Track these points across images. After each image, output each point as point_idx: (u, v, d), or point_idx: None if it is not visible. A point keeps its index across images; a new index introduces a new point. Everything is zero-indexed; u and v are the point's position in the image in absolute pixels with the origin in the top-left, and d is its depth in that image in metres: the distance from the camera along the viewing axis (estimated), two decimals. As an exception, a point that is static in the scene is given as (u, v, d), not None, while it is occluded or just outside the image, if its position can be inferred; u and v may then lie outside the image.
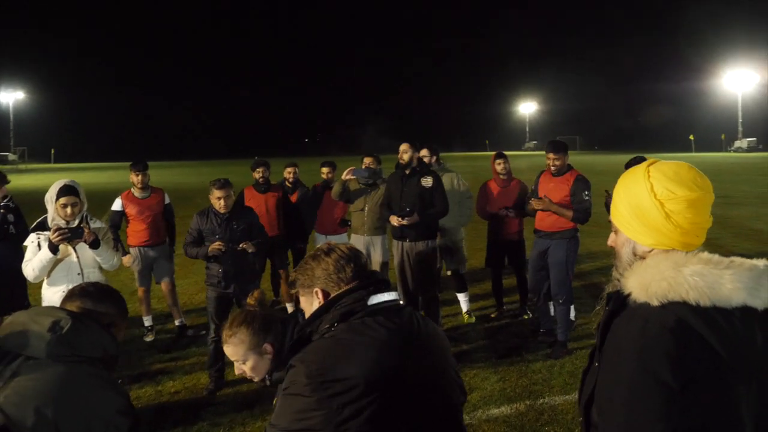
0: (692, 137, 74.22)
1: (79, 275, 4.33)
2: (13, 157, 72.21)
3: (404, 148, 5.95)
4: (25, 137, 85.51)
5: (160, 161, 60.65)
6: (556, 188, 5.79)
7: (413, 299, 5.97)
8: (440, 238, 6.50)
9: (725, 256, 1.48)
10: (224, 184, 5.30)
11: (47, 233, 4.19)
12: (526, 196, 6.53)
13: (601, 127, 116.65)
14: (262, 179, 7.22)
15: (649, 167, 1.56)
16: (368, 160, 6.86)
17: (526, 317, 6.91)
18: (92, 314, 2.03)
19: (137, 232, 6.67)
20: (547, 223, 5.86)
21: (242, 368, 2.23)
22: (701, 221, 1.51)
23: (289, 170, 7.66)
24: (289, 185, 7.57)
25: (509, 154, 7.79)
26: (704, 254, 1.47)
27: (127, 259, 6.46)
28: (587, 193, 5.72)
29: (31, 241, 4.32)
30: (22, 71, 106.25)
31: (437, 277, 6.34)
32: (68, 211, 4.25)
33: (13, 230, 6.00)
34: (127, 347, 6.04)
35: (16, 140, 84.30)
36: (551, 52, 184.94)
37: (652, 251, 1.54)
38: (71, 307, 2.06)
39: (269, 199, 7.15)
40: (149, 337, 6.57)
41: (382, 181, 6.71)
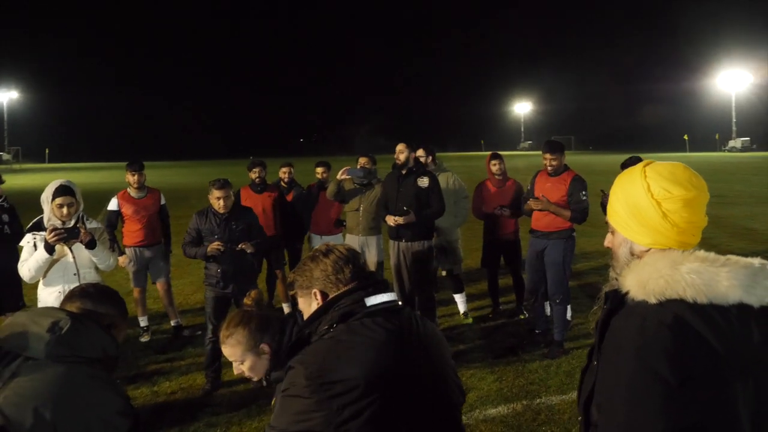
0: (686, 137, 74.44)
1: (75, 276, 4.32)
2: (7, 156, 71.90)
3: (401, 148, 5.95)
4: (19, 137, 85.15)
5: (155, 161, 60.49)
6: (553, 188, 5.79)
7: (410, 299, 5.97)
8: (435, 238, 6.51)
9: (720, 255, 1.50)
10: (224, 184, 5.29)
11: (43, 233, 4.17)
12: (521, 196, 6.54)
13: (595, 127, 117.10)
14: (258, 179, 7.20)
15: (645, 168, 1.58)
16: (363, 160, 6.86)
17: (522, 317, 6.91)
18: (92, 315, 2.02)
19: (133, 232, 6.64)
20: (543, 223, 5.85)
21: (241, 368, 2.23)
22: (697, 220, 1.53)
23: (284, 170, 7.65)
24: (284, 185, 7.56)
25: (504, 154, 7.78)
26: (701, 252, 1.48)
27: (122, 259, 6.46)
28: (584, 193, 5.72)
29: (27, 241, 4.31)
30: (16, 70, 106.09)
31: (434, 277, 6.33)
32: (64, 211, 4.23)
33: (8, 230, 5.99)
34: (122, 348, 5.98)
35: (10, 140, 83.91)
36: (546, 52, 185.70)
37: (649, 251, 1.55)
38: (71, 307, 2.05)
39: (266, 199, 7.13)
40: (145, 337, 6.55)
41: (377, 181, 6.71)
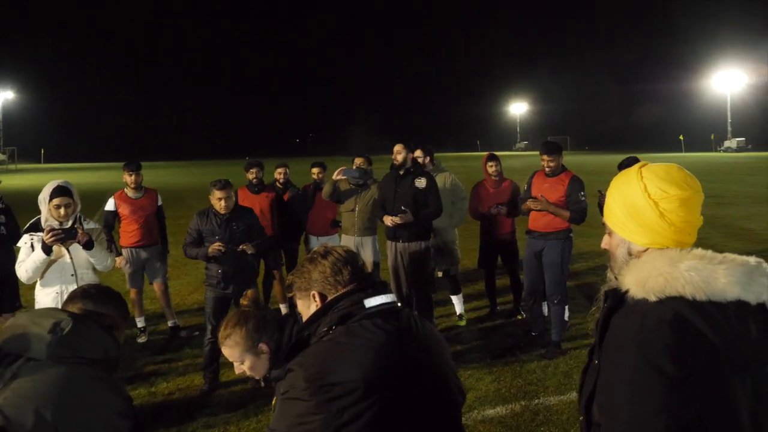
0: (682, 137, 74.60)
1: (72, 276, 4.31)
2: (2, 157, 71.43)
3: (398, 148, 5.95)
4: (14, 137, 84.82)
5: (151, 161, 60.37)
6: (551, 188, 5.78)
7: (407, 300, 5.97)
8: (432, 238, 6.50)
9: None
10: (225, 185, 5.27)
11: (40, 234, 4.16)
12: (518, 196, 6.53)
13: (591, 127, 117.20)
14: (255, 180, 7.18)
15: (641, 169, 1.61)
16: (359, 160, 6.85)
17: (519, 317, 6.91)
18: (94, 316, 2.02)
19: (130, 232, 6.63)
20: (541, 223, 5.84)
21: (242, 368, 2.24)
22: (693, 219, 1.55)
23: (279, 170, 7.62)
24: (279, 186, 7.54)
25: (500, 154, 7.77)
26: (698, 250, 1.51)
27: (119, 260, 6.44)
28: (583, 193, 5.72)
29: (24, 242, 4.29)
30: (11, 71, 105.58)
31: (431, 278, 6.32)
32: (62, 211, 4.22)
33: (4, 231, 5.96)
34: (120, 349, 6.00)
35: (5, 140, 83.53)
36: (542, 52, 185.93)
37: (646, 251, 1.57)
38: (73, 308, 2.04)
39: (263, 199, 7.11)
40: (142, 338, 6.54)
41: (372, 181, 6.70)
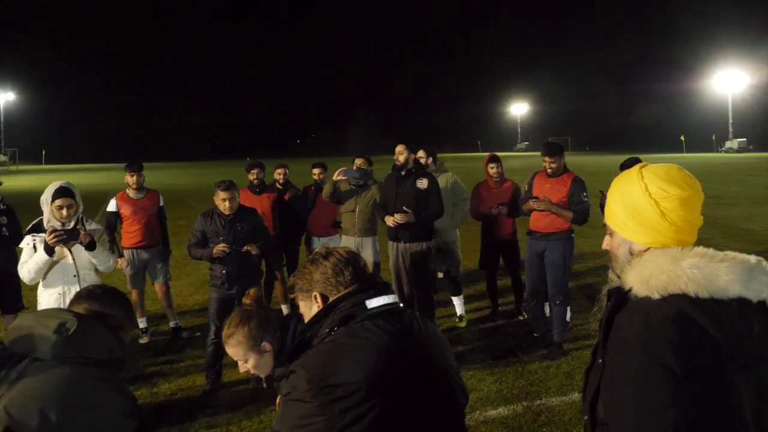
0: (683, 138, 74.55)
1: (74, 277, 4.32)
2: (3, 158, 71.49)
3: (400, 149, 5.94)
4: (15, 138, 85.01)
5: (151, 162, 60.40)
6: (552, 189, 5.77)
7: (409, 301, 5.96)
8: (433, 239, 6.49)
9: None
10: (229, 185, 5.27)
11: (43, 235, 4.17)
12: (519, 196, 6.53)
13: (592, 127, 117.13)
14: (257, 181, 7.18)
15: (641, 169, 1.63)
16: (359, 161, 6.84)
17: (521, 318, 6.91)
18: (99, 316, 2.02)
19: (131, 233, 6.63)
20: (543, 223, 5.82)
21: (246, 367, 2.24)
22: (693, 219, 1.57)
23: (279, 171, 7.61)
24: (279, 186, 7.53)
25: (501, 154, 7.71)
26: (699, 248, 1.53)
27: (121, 261, 6.45)
28: (585, 194, 5.71)
29: (26, 243, 4.30)
30: (12, 72, 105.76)
31: (433, 278, 6.32)
32: (64, 212, 4.22)
33: (6, 232, 5.96)
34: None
35: (6, 141, 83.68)
36: (543, 53, 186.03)
37: (648, 250, 1.59)
38: (78, 309, 2.04)
39: (264, 200, 7.10)
40: (144, 339, 6.54)
41: (373, 182, 6.70)
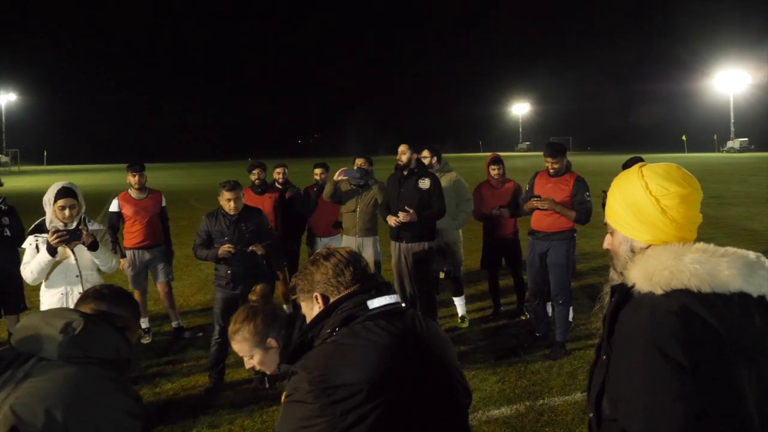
0: (684, 138, 74.53)
1: (77, 277, 4.31)
2: (5, 159, 71.64)
3: (403, 149, 5.94)
4: (17, 139, 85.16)
5: (153, 162, 60.45)
6: (555, 189, 5.75)
7: (411, 301, 5.96)
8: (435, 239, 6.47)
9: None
10: (234, 185, 5.27)
11: (45, 235, 4.16)
12: (519, 196, 6.52)
13: (593, 127, 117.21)
14: (258, 181, 7.18)
15: (641, 168, 1.66)
16: (360, 161, 6.83)
17: (523, 318, 6.90)
18: (107, 316, 2.02)
19: (133, 233, 6.63)
20: (545, 223, 5.81)
21: (251, 363, 2.25)
22: (693, 216, 1.60)
23: (278, 171, 7.60)
24: (279, 186, 7.53)
25: (502, 154, 7.68)
26: (700, 244, 1.55)
27: (123, 262, 6.45)
28: (588, 194, 5.70)
29: (29, 243, 4.30)
30: (14, 73, 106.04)
31: (435, 278, 6.31)
32: (66, 213, 4.22)
33: (8, 233, 5.96)
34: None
35: (8, 142, 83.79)
36: (544, 53, 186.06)
37: (649, 247, 1.61)
38: (85, 309, 2.04)
39: (266, 200, 7.10)
40: (146, 339, 6.54)
41: (374, 181, 6.69)
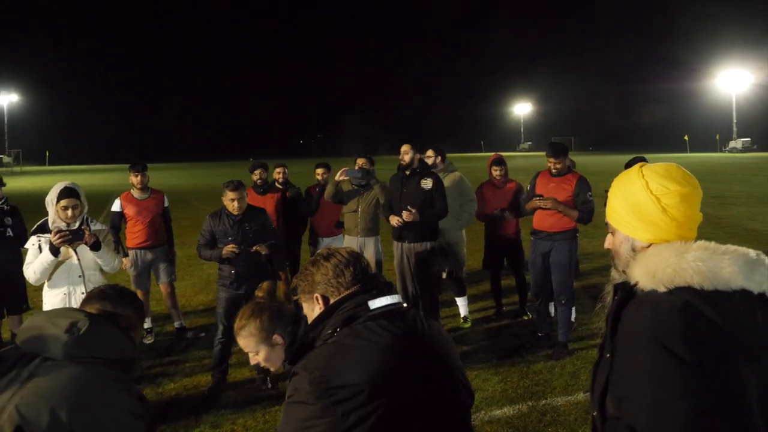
0: (687, 138, 74.44)
1: (80, 278, 4.32)
2: (7, 159, 71.79)
3: (405, 149, 5.93)
4: (19, 139, 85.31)
5: (154, 162, 60.50)
6: (557, 188, 5.74)
7: (413, 301, 5.96)
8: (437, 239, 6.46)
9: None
10: (238, 185, 5.27)
11: (48, 236, 4.17)
12: (521, 196, 6.51)
13: (595, 127, 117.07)
14: (260, 181, 7.19)
15: (641, 168, 1.67)
16: (361, 161, 6.82)
17: (525, 318, 6.90)
18: (111, 317, 2.02)
19: (135, 233, 6.64)
20: (548, 223, 5.79)
21: (256, 359, 2.25)
22: (693, 215, 1.62)
23: (278, 170, 7.60)
24: (279, 186, 7.53)
25: (504, 154, 7.64)
26: (702, 242, 1.56)
27: (125, 261, 6.45)
28: (590, 193, 5.69)
29: (31, 243, 4.30)
30: (16, 73, 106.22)
31: (437, 278, 6.31)
32: (69, 213, 4.22)
33: (11, 233, 5.97)
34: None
35: (10, 143, 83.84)
36: (546, 52, 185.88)
37: (650, 246, 1.62)
38: (90, 309, 2.04)
39: (268, 200, 7.11)
40: (148, 339, 6.54)
41: (375, 181, 6.68)
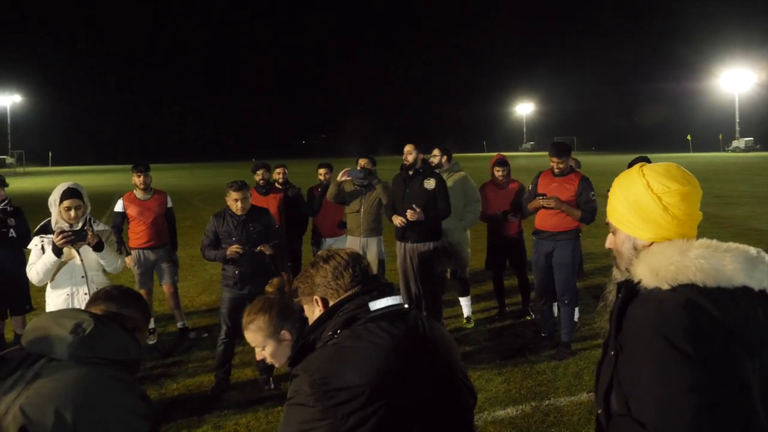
0: (689, 137, 74.36)
1: (82, 278, 4.32)
2: (10, 160, 71.92)
3: (409, 149, 5.92)
4: (22, 140, 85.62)
5: (156, 163, 60.55)
6: (560, 188, 5.73)
7: (416, 301, 5.95)
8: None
9: None
10: (241, 186, 5.27)
11: (51, 236, 4.17)
12: (522, 196, 6.50)
13: (598, 127, 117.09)
14: (262, 181, 7.19)
15: (642, 168, 1.70)
16: (363, 161, 6.82)
17: (528, 318, 6.89)
18: (117, 318, 2.02)
19: (138, 233, 6.64)
20: (551, 223, 5.79)
21: (262, 354, 2.24)
22: (693, 213, 1.64)
23: (278, 171, 7.61)
24: (278, 186, 7.53)
25: (506, 154, 7.64)
26: (703, 240, 1.59)
27: (128, 260, 6.45)
28: (593, 193, 5.69)
29: (34, 244, 4.30)
30: (19, 74, 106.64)
31: (440, 279, 6.30)
32: (72, 214, 4.22)
33: (14, 234, 5.97)
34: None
35: (13, 143, 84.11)
36: (548, 52, 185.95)
37: (651, 245, 1.64)
38: (96, 310, 2.04)
39: (271, 200, 7.11)
40: (151, 339, 6.54)
41: (377, 181, 6.68)
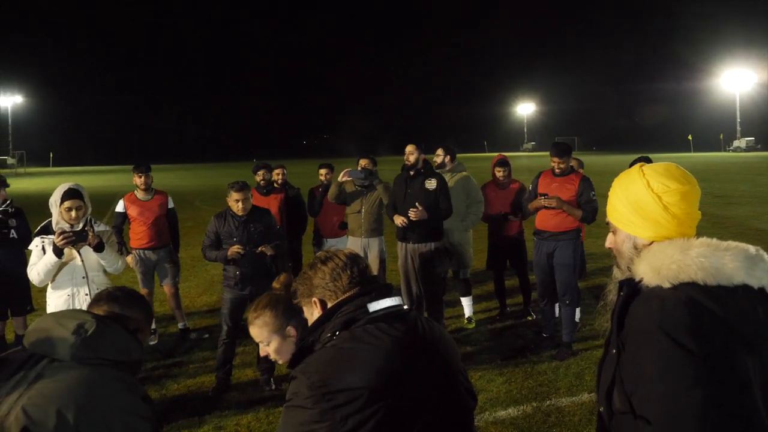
0: (690, 137, 74.30)
1: (83, 279, 4.32)
2: (11, 160, 71.93)
3: (410, 149, 5.92)
4: (23, 141, 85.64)
5: (157, 164, 60.56)
6: (561, 188, 5.73)
7: (417, 302, 5.94)
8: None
9: None
10: (243, 186, 5.26)
11: (51, 237, 4.17)
12: (523, 197, 6.49)
13: (599, 127, 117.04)
14: (263, 182, 7.19)
15: (642, 167, 1.72)
16: (364, 161, 6.80)
17: (529, 318, 6.88)
18: (120, 318, 2.02)
19: (139, 233, 6.65)
20: (552, 223, 5.78)
21: (266, 350, 2.23)
22: (693, 212, 1.66)
23: (277, 171, 7.59)
24: (277, 187, 7.52)
25: (507, 155, 7.63)
26: (703, 239, 1.60)
27: (129, 259, 6.45)
28: (593, 193, 5.68)
29: (35, 245, 4.31)
30: (20, 75, 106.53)
31: (442, 279, 6.29)
32: (73, 214, 4.22)
33: (14, 234, 5.97)
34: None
35: (14, 144, 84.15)
36: (549, 52, 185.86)
37: (652, 244, 1.65)
38: (98, 311, 2.05)
39: (272, 201, 7.10)
40: (152, 340, 6.54)
41: (378, 182, 6.68)
